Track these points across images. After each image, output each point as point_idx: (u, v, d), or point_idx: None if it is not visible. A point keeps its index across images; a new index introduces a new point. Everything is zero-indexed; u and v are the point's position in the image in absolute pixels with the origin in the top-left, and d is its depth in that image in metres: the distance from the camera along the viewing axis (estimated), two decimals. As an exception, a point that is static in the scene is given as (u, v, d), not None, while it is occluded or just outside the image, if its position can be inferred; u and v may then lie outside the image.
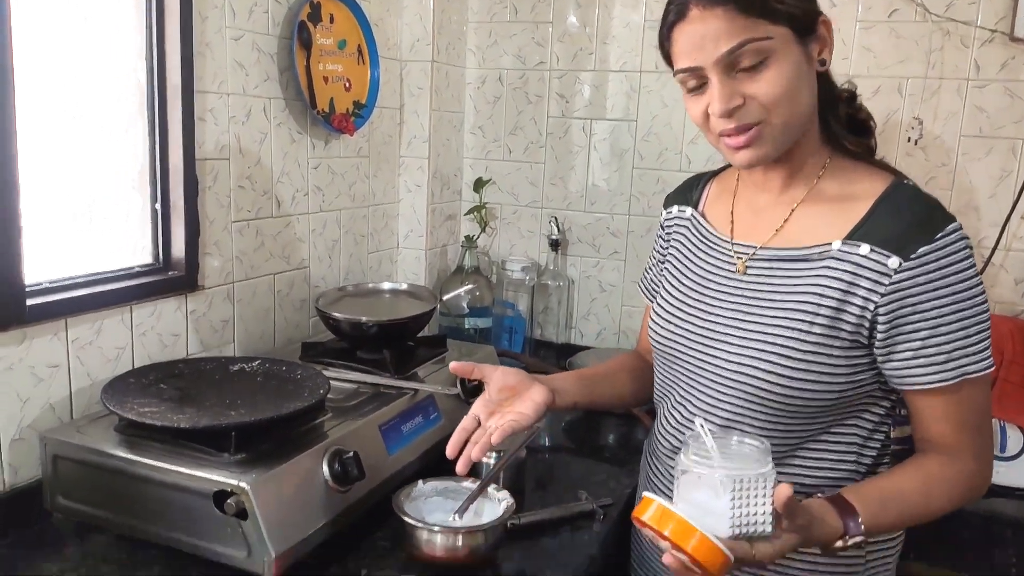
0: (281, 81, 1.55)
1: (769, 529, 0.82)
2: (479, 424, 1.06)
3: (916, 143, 1.68)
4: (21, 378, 1.13)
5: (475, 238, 2.02)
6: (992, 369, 0.92)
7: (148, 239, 1.37)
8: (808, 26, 0.91)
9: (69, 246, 1.25)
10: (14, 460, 1.13)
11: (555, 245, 2.01)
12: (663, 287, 1.14)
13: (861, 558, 1.02)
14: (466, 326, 2.01)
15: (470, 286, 1.81)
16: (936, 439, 0.96)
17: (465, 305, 1.99)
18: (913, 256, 0.89)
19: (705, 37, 0.89)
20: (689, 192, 1.18)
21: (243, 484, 0.97)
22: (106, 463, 1.06)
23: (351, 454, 1.11)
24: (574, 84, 1.99)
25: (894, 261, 0.90)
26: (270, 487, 1.00)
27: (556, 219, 2.02)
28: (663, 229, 1.21)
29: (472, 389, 1.45)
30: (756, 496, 0.81)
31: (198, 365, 1.29)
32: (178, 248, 1.38)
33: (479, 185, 2.08)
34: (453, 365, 1.11)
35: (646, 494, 0.84)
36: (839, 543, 0.89)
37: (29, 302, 1.11)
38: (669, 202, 1.21)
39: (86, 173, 1.26)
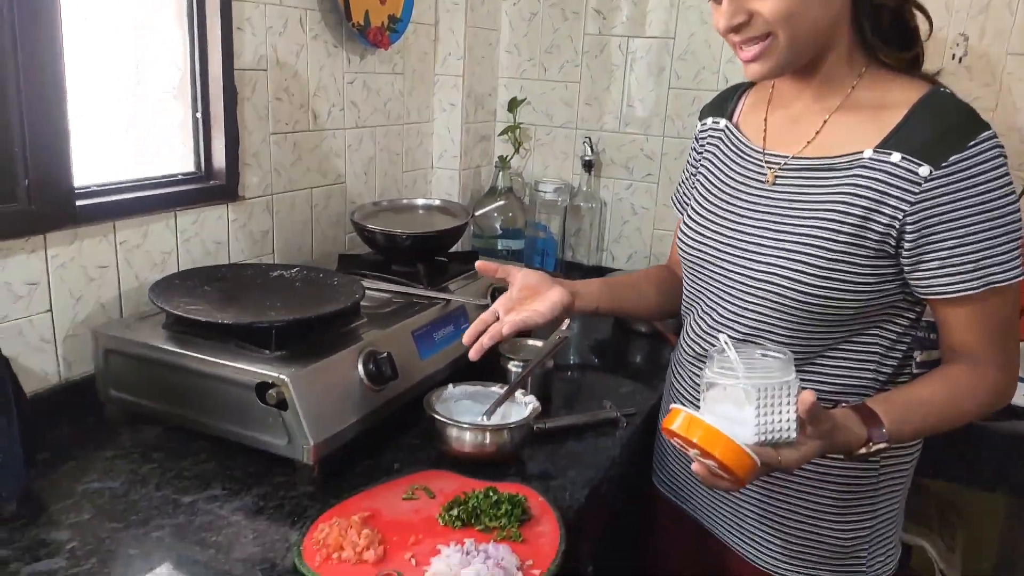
0: (317, -7, 1.56)
1: (794, 435, 0.84)
2: (498, 318, 1.09)
3: (960, 60, 1.63)
4: (73, 277, 1.19)
5: (508, 159, 2.03)
6: (1021, 279, 0.92)
7: (190, 148, 1.41)
8: None
9: (116, 153, 1.29)
10: (68, 354, 1.20)
11: (588, 166, 2.01)
12: (694, 198, 1.15)
13: (875, 469, 1.04)
14: (499, 247, 2.04)
15: (501, 203, 1.83)
16: (960, 348, 0.97)
17: (498, 226, 2.02)
18: (944, 164, 0.88)
19: None
20: (724, 103, 1.17)
21: (283, 376, 1.02)
22: (155, 357, 1.12)
23: (385, 355, 1.15)
24: None
25: (924, 170, 0.89)
26: (308, 381, 1.05)
27: (590, 140, 2.01)
28: (697, 141, 1.21)
29: (503, 301, 1.49)
30: (780, 404, 0.83)
31: (240, 270, 1.34)
32: (219, 158, 1.42)
33: (513, 105, 2.07)
34: (479, 264, 1.14)
35: (674, 405, 0.87)
36: (863, 450, 0.91)
37: (79, 203, 1.16)
38: (704, 114, 1.21)
39: (130, 82, 1.29)
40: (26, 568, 0.87)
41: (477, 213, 1.66)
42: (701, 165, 1.17)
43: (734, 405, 0.84)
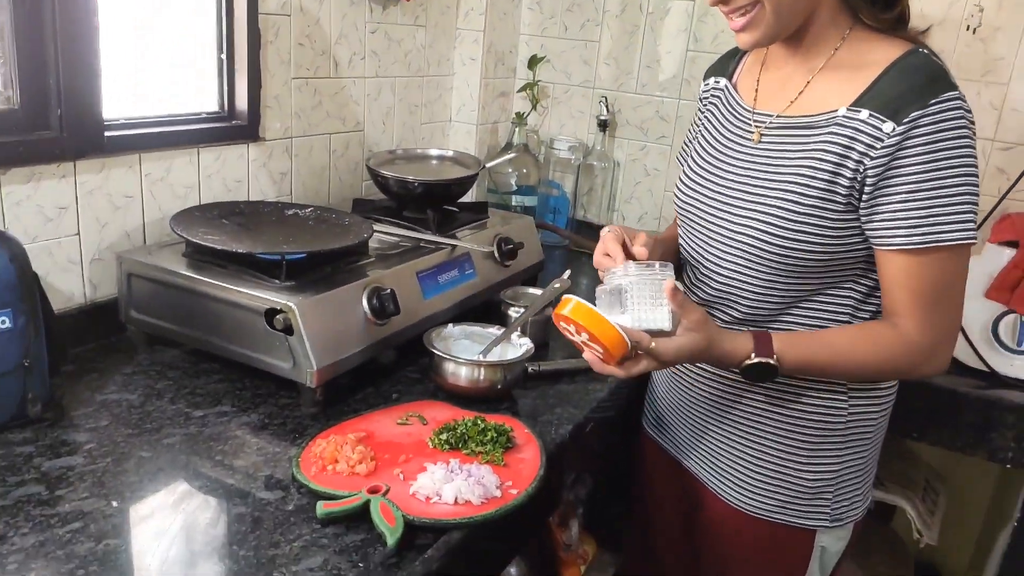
0: (342, -58, 1.60)
1: (667, 326, 0.97)
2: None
3: (975, 32, 1.64)
4: (100, 204, 1.26)
5: (525, 115, 2.07)
6: (969, 243, 0.94)
7: (214, 88, 1.47)
8: None
9: (144, 90, 1.35)
10: (94, 277, 1.28)
11: (603, 126, 2.05)
12: (691, 155, 1.19)
13: (843, 416, 1.09)
14: (513, 203, 2.09)
15: (512, 155, 1.87)
16: (890, 305, 1.00)
17: (513, 182, 2.06)
18: (905, 120, 0.92)
19: None
20: (727, 63, 1.21)
21: (291, 303, 1.09)
22: (174, 281, 1.19)
23: (388, 291, 1.22)
24: (635, -39, 1.97)
25: (888, 126, 0.93)
26: (314, 309, 1.12)
27: (606, 99, 2.04)
28: (700, 101, 1.25)
29: (508, 252, 1.54)
30: (652, 298, 0.98)
31: (257, 207, 1.40)
32: (241, 99, 1.47)
33: (533, 62, 2.10)
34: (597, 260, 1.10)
35: (566, 296, 0.97)
36: (748, 360, 0.99)
37: (107, 134, 1.23)
38: (708, 74, 1.24)
39: (159, 22, 1.35)
40: (47, 463, 0.95)
41: (489, 165, 1.70)
42: (702, 123, 1.20)
43: (615, 300, 1.00)
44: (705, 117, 1.21)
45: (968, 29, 1.64)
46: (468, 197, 1.69)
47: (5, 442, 0.99)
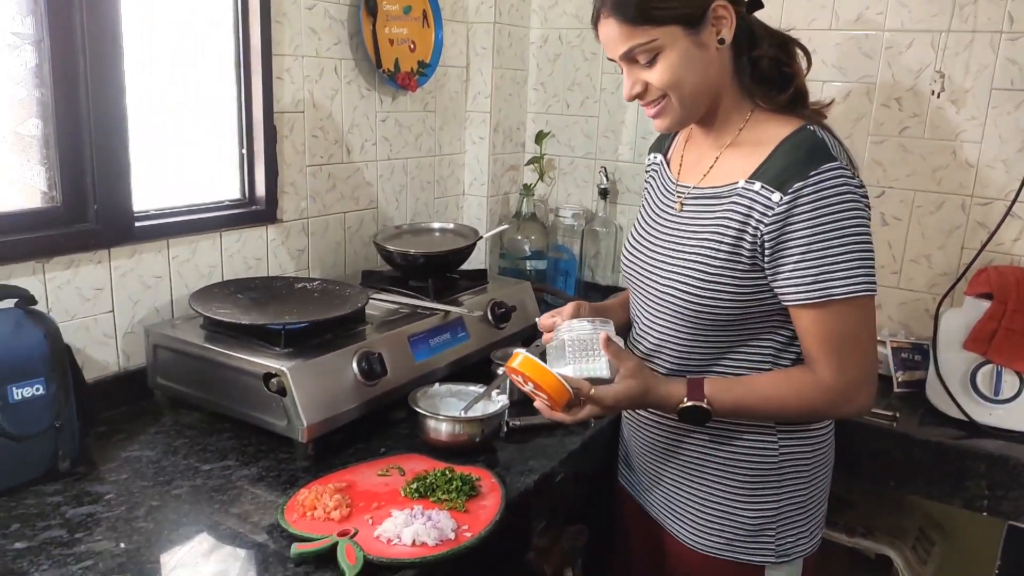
0: (351, 44, 1.79)
1: (605, 374, 1.10)
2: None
3: (939, 96, 1.71)
4: (133, 284, 1.45)
5: (532, 186, 2.22)
6: (865, 296, 1.04)
7: (236, 178, 1.66)
8: (697, 18, 1.06)
9: (172, 183, 1.55)
10: (126, 348, 1.46)
11: (604, 194, 2.17)
12: (634, 224, 1.32)
13: (775, 448, 1.18)
14: (527, 268, 2.22)
15: (505, 226, 2.02)
16: (806, 353, 1.11)
17: (527, 248, 2.20)
18: (790, 191, 1.03)
19: (609, 38, 1.11)
20: (663, 140, 1.35)
21: (284, 368, 1.24)
22: (191, 351, 1.36)
23: (376, 354, 1.35)
24: (627, 42, 2.12)
25: (776, 196, 1.04)
26: (306, 372, 1.26)
27: (605, 169, 2.17)
28: (646, 173, 1.38)
29: (501, 316, 1.67)
30: (592, 350, 1.11)
31: (269, 281, 1.57)
32: (260, 187, 1.66)
33: (540, 138, 2.26)
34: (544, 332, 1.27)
35: (516, 350, 1.10)
36: (682, 404, 1.10)
37: (138, 224, 1.42)
38: (650, 150, 1.39)
39: (187, 122, 1.56)
40: (71, 511, 1.11)
41: (486, 235, 1.85)
42: (645, 194, 1.33)
43: (559, 354, 1.15)
44: (647, 188, 1.34)
45: (933, 93, 1.72)
46: (477, 263, 1.83)
47: (38, 493, 1.15)
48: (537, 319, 1.28)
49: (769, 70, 1.13)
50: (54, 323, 1.19)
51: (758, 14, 1.17)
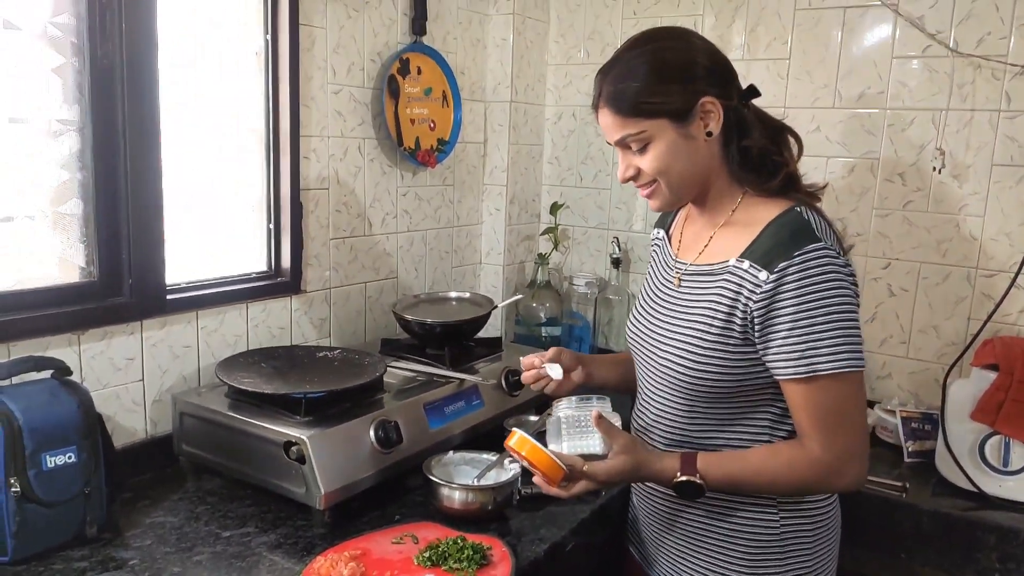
0: (374, 124, 1.90)
1: (599, 450, 1.15)
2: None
3: (940, 172, 1.77)
4: (162, 354, 1.52)
5: (547, 255, 2.28)
6: (852, 372, 1.07)
7: (263, 252, 1.74)
8: (685, 112, 1.14)
9: (203, 256, 1.63)
10: (154, 415, 1.52)
11: (616, 263, 2.24)
12: (639, 296, 1.37)
13: (776, 522, 1.19)
14: (542, 334, 2.27)
15: (519, 296, 2.08)
16: (797, 427, 1.14)
17: (542, 315, 2.26)
18: (776, 270, 1.08)
19: (605, 126, 1.20)
20: (666, 217, 1.42)
21: (303, 437, 1.29)
22: (215, 419, 1.42)
23: (393, 423, 1.40)
24: (638, 118, 2.21)
25: (763, 275, 1.10)
26: (324, 441, 1.31)
27: (617, 239, 2.24)
28: (651, 247, 1.44)
29: (514, 383, 1.71)
30: (587, 427, 1.17)
31: (292, 351, 1.64)
32: (286, 259, 1.74)
33: (555, 209, 2.34)
34: (524, 376, 1.39)
35: (514, 428, 1.16)
36: (676, 479, 1.13)
37: (169, 297, 1.50)
38: (655, 225, 1.45)
39: (218, 199, 1.65)
40: None
41: (501, 305, 1.91)
42: (649, 268, 1.39)
43: (556, 433, 1.20)
44: (651, 263, 1.40)
45: (934, 170, 1.77)
46: (493, 330, 1.88)
47: (66, 558, 1.20)
48: (521, 357, 1.39)
49: (758, 159, 1.19)
50: (87, 393, 1.25)
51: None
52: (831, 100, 1.92)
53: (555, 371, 1.35)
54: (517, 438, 1.15)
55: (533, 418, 1.69)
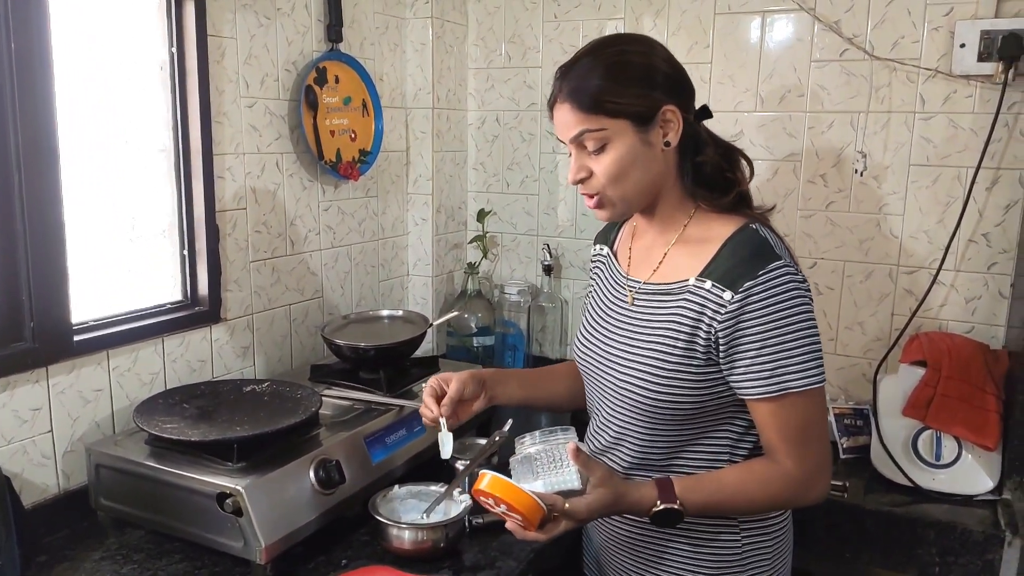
0: (292, 138, 1.79)
1: (577, 484, 1.08)
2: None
3: (862, 174, 1.81)
4: (71, 400, 1.39)
5: (477, 265, 2.23)
6: (817, 386, 1.08)
7: (177, 280, 1.62)
8: (647, 118, 1.11)
9: (111, 288, 1.50)
10: (66, 468, 1.39)
11: (548, 270, 2.20)
12: (584, 315, 1.34)
13: (737, 540, 1.19)
14: (474, 344, 2.22)
15: (455, 313, 2.03)
16: (767, 445, 1.14)
17: (473, 325, 2.20)
18: (741, 290, 1.08)
19: (562, 121, 1.15)
20: (608, 232, 1.39)
21: (239, 487, 1.20)
22: (136, 470, 1.30)
23: (334, 462, 1.33)
24: (563, 123, 2.18)
25: (728, 294, 1.09)
26: (262, 490, 1.22)
27: (548, 246, 2.21)
28: (591, 263, 1.41)
29: (455, 405, 1.66)
30: (560, 461, 1.10)
31: (216, 387, 1.53)
32: (203, 287, 1.62)
33: (481, 216, 2.28)
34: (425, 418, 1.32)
35: (482, 470, 1.08)
36: (655, 507, 1.10)
37: (76, 338, 1.37)
38: (596, 240, 1.42)
39: (125, 226, 1.52)
40: (15, 661, 1.04)
41: (435, 322, 1.85)
42: (593, 285, 1.36)
43: (527, 468, 1.12)
44: (594, 280, 1.37)
45: (856, 172, 1.81)
46: (425, 343, 1.82)
47: (-24, 643, 1.07)
48: (423, 392, 1.31)
49: (712, 175, 1.18)
50: (-9, 458, 1.12)
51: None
52: (753, 103, 1.94)
53: (446, 450, 1.28)
54: (489, 479, 1.06)
55: (479, 440, 1.64)
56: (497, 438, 1.42)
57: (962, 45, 1.68)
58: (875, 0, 1.77)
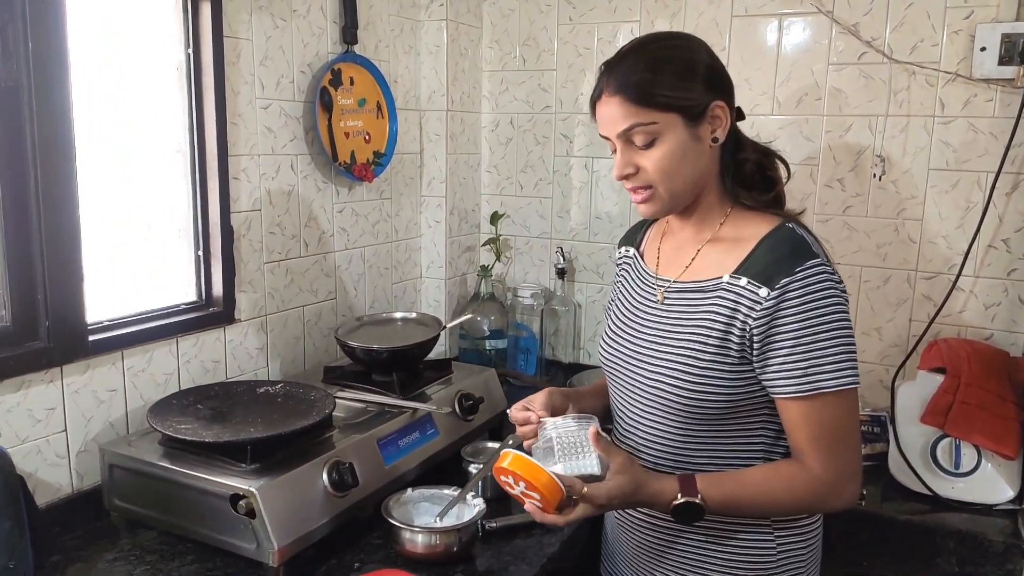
0: (307, 139, 1.79)
1: (596, 470, 1.07)
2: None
3: (880, 178, 1.80)
4: (86, 400, 1.39)
5: (490, 267, 2.22)
6: (852, 388, 1.06)
7: (192, 280, 1.62)
8: (698, 112, 1.11)
9: (126, 288, 1.50)
10: (80, 467, 1.39)
11: (561, 273, 2.20)
12: (610, 316, 1.33)
13: (772, 547, 1.18)
14: (486, 347, 2.21)
15: (469, 316, 2.02)
16: (794, 445, 1.12)
17: (486, 328, 2.19)
18: (778, 287, 1.07)
19: (610, 116, 1.13)
20: (635, 234, 1.38)
21: (253, 489, 1.19)
22: (150, 471, 1.30)
23: (347, 464, 1.32)
24: (576, 126, 2.17)
25: (764, 291, 1.08)
26: (275, 491, 1.22)
27: (562, 249, 2.20)
28: (617, 266, 1.40)
29: (469, 408, 1.65)
30: (581, 447, 1.10)
31: (230, 388, 1.53)
32: (217, 288, 1.63)
33: (495, 219, 2.28)
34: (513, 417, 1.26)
35: (505, 450, 1.07)
36: (675, 500, 1.08)
37: (91, 338, 1.37)
38: (621, 243, 1.41)
39: (140, 226, 1.52)
40: (28, 661, 1.04)
41: (449, 324, 1.85)
42: (618, 287, 1.35)
43: (547, 453, 1.12)
44: (620, 281, 1.36)
45: (875, 176, 1.79)
46: (438, 346, 1.81)
47: (-11, 643, 1.07)
48: (508, 411, 1.26)
49: (752, 173, 1.18)
50: (6, 456, 1.13)
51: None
52: (770, 107, 1.92)
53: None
54: (512, 458, 1.05)
55: (491, 444, 1.64)
56: (511, 442, 1.42)
57: (982, 48, 1.66)
58: (894, 3, 1.76)
